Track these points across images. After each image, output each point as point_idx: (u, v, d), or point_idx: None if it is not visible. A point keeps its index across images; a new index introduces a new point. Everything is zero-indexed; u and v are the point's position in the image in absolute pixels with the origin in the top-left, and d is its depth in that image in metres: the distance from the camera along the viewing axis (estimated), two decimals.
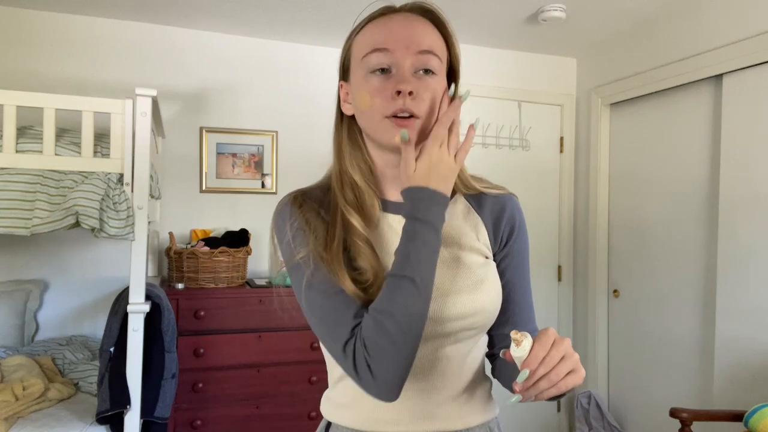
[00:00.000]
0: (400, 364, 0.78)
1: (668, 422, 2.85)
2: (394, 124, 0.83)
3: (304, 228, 0.87)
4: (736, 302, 2.48)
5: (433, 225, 0.80)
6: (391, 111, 0.82)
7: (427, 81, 0.84)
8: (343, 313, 0.82)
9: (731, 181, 2.50)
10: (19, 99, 1.91)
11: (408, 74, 0.83)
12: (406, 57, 0.83)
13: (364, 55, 0.85)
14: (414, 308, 0.78)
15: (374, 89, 0.84)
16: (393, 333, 0.77)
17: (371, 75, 0.85)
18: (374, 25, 0.88)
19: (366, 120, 0.87)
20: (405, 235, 0.80)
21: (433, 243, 0.80)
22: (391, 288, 0.78)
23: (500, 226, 0.97)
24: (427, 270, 0.79)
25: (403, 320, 0.77)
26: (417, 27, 0.86)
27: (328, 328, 0.83)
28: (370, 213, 0.90)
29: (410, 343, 0.78)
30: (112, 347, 2.09)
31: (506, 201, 0.98)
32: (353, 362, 0.79)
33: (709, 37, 2.61)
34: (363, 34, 0.88)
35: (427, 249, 0.79)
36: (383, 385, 0.79)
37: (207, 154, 3.08)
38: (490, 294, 0.91)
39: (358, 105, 0.87)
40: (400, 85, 0.81)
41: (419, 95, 0.83)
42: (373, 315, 0.79)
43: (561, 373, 0.73)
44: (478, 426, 0.93)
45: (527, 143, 3.51)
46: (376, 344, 0.77)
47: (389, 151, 0.88)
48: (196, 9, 2.77)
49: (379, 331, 0.77)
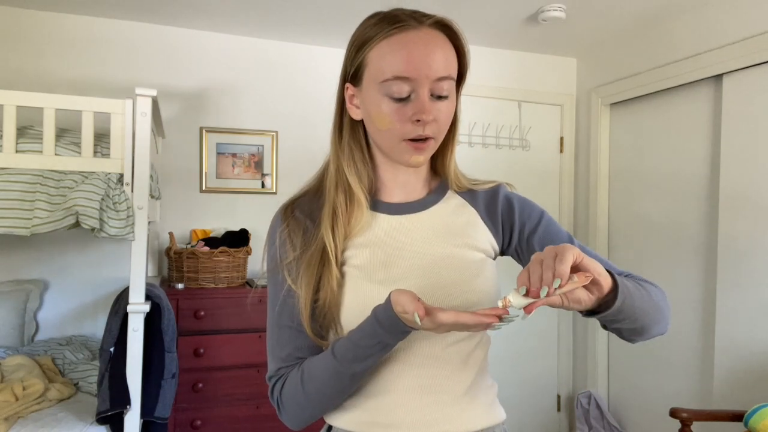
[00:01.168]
0: (308, 416, 0.90)
1: (668, 422, 2.85)
2: (412, 147, 0.88)
3: (286, 253, 0.94)
4: (736, 302, 2.48)
5: (391, 346, 0.83)
6: (411, 136, 0.87)
7: (442, 105, 0.88)
8: (280, 349, 0.92)
9: (731, 180, 2.50)
10: (19, 99, 1.91)
11: (427, 102, 0.86)
12: (425, 85, 0.85)
13: (384, 80, 0.85)
14: (336, 395, 0.87)
15: (393, 112, 0.86)
16: (310, 402, 0.88)
17: (389, 98, 0.86)
18: (393, 43, 0.85)
19: (382, 137, 0.90)
20: (367, 332, 0.82)
21: (379, 355, 0.84)
22: (329, 368, 0.85)
23: (497, 217, 0.99)
24: (366, 368, 0.85)
25: (322, 399, 0.87)
26: (436, 51, 0.85)
27: (269, 347, 0.95)
28: (357, 217, 0.93)
29: (321, 410, 0.90)
30: (112, 347, 2.08)
31: (497, 191, 1.01)
32: (271, 392, 0.93)
33: (709, 37, 2.61)
34: (380, 50, 0.86)
35: (374, 356, 0.83)
36: (289, 422, 0.92)
37: (207, 154, 3.08)
38: (484, 288, 0.91)
39: (376, 122, 0.89)
40: (421, 115, 0.85)
41: (435, 120, 0.87)
42: (302, 378, 0.88)
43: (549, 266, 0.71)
44: (481, 430, 0.92)
45: (527, 143, 3.51)
46: (292, 398, 0.89)
47: (395, 161, 0.93)
48: (196, 9, 2.77)
49: (298, 392, 0.88)
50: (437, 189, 1.00)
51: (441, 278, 0.90)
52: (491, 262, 0.96)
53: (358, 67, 0.90)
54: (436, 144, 0.90)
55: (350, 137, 0.95)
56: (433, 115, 0.86)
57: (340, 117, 0.95)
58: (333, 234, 0.91)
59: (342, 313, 0.89)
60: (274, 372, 0.93)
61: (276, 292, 0.94)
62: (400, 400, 0.89)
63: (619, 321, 0.83)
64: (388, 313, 0.79)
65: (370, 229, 0.94)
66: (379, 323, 0.80)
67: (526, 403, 3.51)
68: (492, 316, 0.73)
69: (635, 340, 0.91)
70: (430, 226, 0.95)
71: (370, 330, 0.81)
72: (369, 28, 0.89)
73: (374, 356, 0.83)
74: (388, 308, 0.79)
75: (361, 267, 0.91)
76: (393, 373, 0.90)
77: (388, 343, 0.82)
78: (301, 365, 0.90)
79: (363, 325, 0.83)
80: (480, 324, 0.74)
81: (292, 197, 1.00)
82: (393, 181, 0.97)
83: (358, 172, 0.94)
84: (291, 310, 0.92)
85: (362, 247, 0.93)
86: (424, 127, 0.86)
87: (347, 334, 0.85)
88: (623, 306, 0.80)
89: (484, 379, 0.97)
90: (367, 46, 0.88)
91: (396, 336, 0.81)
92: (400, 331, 0.80)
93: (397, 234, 0.94)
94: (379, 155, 0.96)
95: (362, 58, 0.89)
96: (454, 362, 0.91)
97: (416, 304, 0.75)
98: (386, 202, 0.96)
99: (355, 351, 0.83)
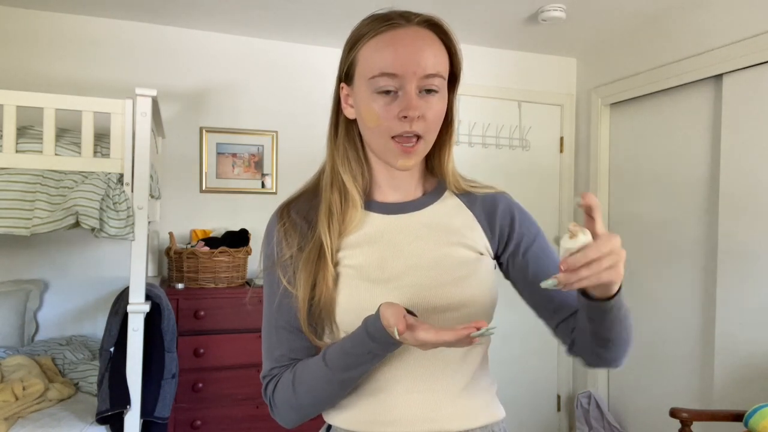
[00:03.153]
0: (299, 417, 0.91)
1: (668, 422, 2.85)
2: (400, 149, 0.88)
3: (282, 252, 0.94)
4: (736, 302, 2.48)
5: (381, 356, 0.84)
6: (398, 132, 0.87)
7: (430, 101, 0.87)
8: (274, 350, 0.93)
9: (731, 180, 2.50)
10: (19, 99, 1.91)
11: (414, 98, 0.85)
12: (412, 81, 0.85)
13: (371, 76, 0.86)
14: (327, 400, 0.89)
15: (381, 108, 0.86)
16: (300, 404, 0.89)
17: (378, 95, 0.86)
18: (382, 41, 0.87)
19: (371, 135, 0.90)
20: (357, 341, 0.83)
21: (370, 365, 0.85)
22: (320, 374, 0.86)
23: (495, 224, 0.99)
24: (357, 376, 0.86)
25: (312, 402, 0.88)
26: (424, 49, 0.86)
27: (263, 347, 0.96)
28: (352, 216, 0.93)
29: (311, 412, 0.91)
30: (112, 347, 2.08)
31: (498, 199, 1.01)
32: (264, 391, 0.94)
33: (709, 37, 2.61)
34: (370, 48, 0.88)
35: (365, 365, 0.84)
36: (281, 422, 0.93)
37: (207, 154, 3.08)
38: (479, 285, 0.92)
39: (365, 120, 0.89)
40: (408, 111, 0.85)
41: (423, 116, 0.86)
42: (293, 380, 0.89)
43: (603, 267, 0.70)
44: (480, 428, 0.92)
45: (527, 143, 3.51)
46: (284, 400, 0.90)
47: (386, 163, 0.93)
48: (196, 9, 2.77)
49: (289, 395, 0.89)
50: (433, 190, 1.00)
51: (436, 277, 0.90)
52: (487, 261, 0.96)
53: (350, 66, 0.91)
54: (426, 145, 0.90)
55: (345, 137, 0.96)
56: (420, 111, 0.85)
57: (335, 116, 0.96)
58: (329, 232, 0.92)
59: (337, 312, 0.90)
60: (267, 372, 0.94)
61: (271, 292, 0.95)
62: (399, 398, 0.90)
63: (608, 319, 0.82)
64: (377, 325, 0.79)
65: (365, 228, 0.94)
66: (368, 334, 0.81)
67: (526, 403, 3.51)
68: (470, 328, 0.74)
69: (597, 360, 0.91)
70: (425, 225, 0.95)
71: (361, 340, 0.82)
72: (361, 28, 0.90)
73: (365, 365, 0.84)
74: (377, 320, 0.79)
75: (355, 266, 0.91)
76: (391, 371, 0.90)
77: (378, 353, 0.82)
78: (294, 368, 0.90)
79: (354, 333, 0.83)
80: (460, 338, 0.74)
81: (289, 198, 1.00)
82: (387, 182, 0.97)
83: (352, 171, 0.95)
84: (286, 310, 0.93)
85: (357, 246, 0.93)
86: (411, 124, 0.86)
87: (339, 342, 0.86)
88: (621, 305, 0.81)
89: (483, 377, 0.97)
90: (358, 45, 0.89)
91: (386, 347, 0.81)
92: (389, 343, 0.80)
93: (392, 233, 0.94)
94: (373, 156, 0.96)
95: (353, 57, 0.90)
96: (452, 360, 0.92)
97: (398, 318, 0.75)
98: (381, 202, 0.97)
99: (346, 359, 0.84)
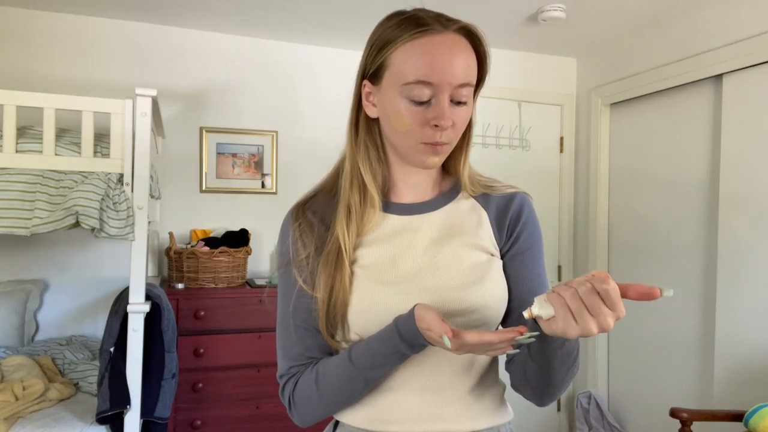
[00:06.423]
0: (320, 415, 0.91)
1: (668, 422, 2.85)
2: (428, 150, 0.88)
3: (297, 252, 0.94)
4: (736, 302, 2.48)
5: (407, 356, 0.85)
6: (428, 140, 0.87)
7: (460, 111, 0.88)
8: (290, 348, 0.93)
9: (731, 180, 2.50)
10: (19, 99, 1.91)
11: (447, 108, 0.85)
12: (447, 91, 0.85)
13: (406, 83, 0.85)
14: (350, 398, 0.89)
15: (412, 115, 0.86)
16: (323, 403, 0.89)
17: (410, 101, 0.86)
18: (418, 47, 0.85)
19: (399, 138, 0.90)
20: (386, 341, 0.83)
21: (396, 364, 0.86)
22: (344, 373, 0.87)
23: (505, 221, 0.98)
24: (381, 375, 0.87)
25: (335, 401, 0.89)
26: (459, 57, 0.85)
27: (279, 346, 0.96)
28: (370, 216, 0.93)
29: (333, 411, 0.91)
30: (112, 347, 2.08)
31: (513, 197, 0.99)
32: (282, 391, 0.94)
33: (709, 37, 2.61)
34: (404, 52, 0.85)
35: (391, 364, 0.85)
36: (300, 422, 0.93)
37: (207, 154, 3.08)
38: (491, 291, 0.91)
39: (393, 123, 0.89)
40: (440, 120, 0.85)
41: (453, 125, 0.88)
42: (316, 379, 0.89)
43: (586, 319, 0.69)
44: (487, 429, 0.92)
45: (527, 143, 3.51)
46: (306, 398, 0.91)
47: (409, 163, 0.93)
48: (196, 9, 2.77)
49: (312, 393, 0.90)
50: (449, 191, 0.99)
51: (448, 280, 0.90)
52: (498, 263, 0.96)
53: (379, 67, 0.89)
54: (450, 148, 0.91)
55: (366, 135, 0.95)
56: (451, 121, 0.86)
57: (356, 114, 0.95)
58: (347, 232, 0.91)
59: (349, 313, 0.89)
60: (285, 371, 0.94)
61: (287, 292, 0.94)
62: (407, 397, 0.90)
63: (555, 351, 0.81)
64: (410, 327, 0.79)
65: (379, 228, 0.94)
66: (399, 335, 0.81)
67: (526, 403, 3.51)
68: (515, 332, 0.73)
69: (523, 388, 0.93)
70: (439, 226, 0.95)
71: (390, 340, 0.82)
72: (392, 29, 0.88)
73: (390, 364, 0.85)
74: (410, 321, 0.79)
75: (368, 267, 0.91)
76: (400, 370, 0.90)
77: (406, 353, 0.83)
78: (315, 366, 0.91)
79: (382, 333, 0.84)
80: (504, 340, 0.73)
81: (304, 197, 1.00)
82: (404, 182, 0.97)
83: (373, 170, 0.94)
84: (302, 309, 0.92)
85: (370, 246, 0.93)
86: (441, 134, 0.86)
87: (365, 340, 0.86)
88: (571, 344, 0.81)
89: (491, 379, 0.97)
90: (390, 47, 0.87)
91: (415, 348, 0.82)
92: (419, 344, 0.81)
93: (405, 234, 0.94)
94: (393, 155, 0.96)
95: (384, 58, 0.88)
96: (460, 361, 0.92)
97: (443, 325, 0.75)
98: (396, 203, 0.96)
99: (373, 359, 0.84)
